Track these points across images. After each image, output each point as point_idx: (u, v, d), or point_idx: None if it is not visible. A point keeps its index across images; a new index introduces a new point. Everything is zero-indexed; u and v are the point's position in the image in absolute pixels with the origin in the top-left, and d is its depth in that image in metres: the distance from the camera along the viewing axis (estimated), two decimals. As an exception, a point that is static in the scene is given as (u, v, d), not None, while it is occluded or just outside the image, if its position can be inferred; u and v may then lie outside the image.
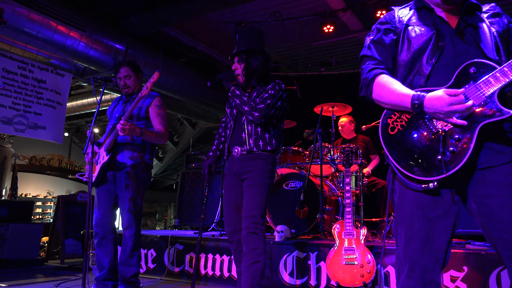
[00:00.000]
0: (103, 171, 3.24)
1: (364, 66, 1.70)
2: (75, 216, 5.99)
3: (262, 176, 2.67)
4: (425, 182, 1.48)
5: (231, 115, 2.88)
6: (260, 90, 2.77)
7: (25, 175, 11.98)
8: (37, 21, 4.96)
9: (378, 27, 1.73)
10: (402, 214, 1.59)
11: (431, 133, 1.50)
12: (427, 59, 1.57)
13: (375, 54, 1.69)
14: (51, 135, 6.10)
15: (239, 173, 2.74)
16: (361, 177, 4.32)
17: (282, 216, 4.32)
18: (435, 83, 1.53)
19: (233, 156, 2.77)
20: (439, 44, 1.57)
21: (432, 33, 1.59)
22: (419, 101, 1.48)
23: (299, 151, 4.75)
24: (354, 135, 5.34)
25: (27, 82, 5.78)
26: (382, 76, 1.63)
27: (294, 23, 6.24)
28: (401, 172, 1.53)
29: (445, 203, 1.52)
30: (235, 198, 2.79)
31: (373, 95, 1.65)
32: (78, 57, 5.65)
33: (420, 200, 1.53)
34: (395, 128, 1.56)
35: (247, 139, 2.72)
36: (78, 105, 9.07)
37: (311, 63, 7.84)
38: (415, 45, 1.60)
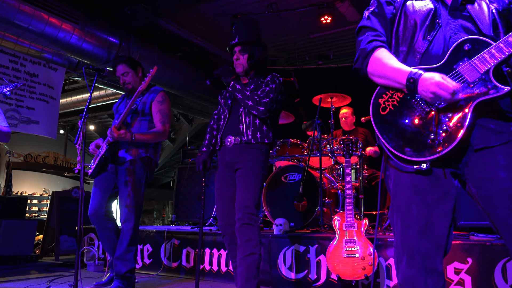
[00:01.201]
0: (102, 163, 3.23)
1: (362, 37, 1.64)
2: (70, 213, 5.89)
3: (256, 166, 2.63)
4: (417, 163, 1.42)
5: (225, 105, 2.86)
6: (258, 82, 2.76)
7: (21, 173, 11.85)
8: (28, 13, 4.83)
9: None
10: (398, 200, 1.52)
11: (423, 112, 1.44)
12: (424, 36, 1.52)
13: (376, 25, 1.63)
14: (45, 130, 5.99)
15: (231, 163, 2.70)
16: (361, 169, 4.23)
17: (281, 210, 4.23)
18: (430, 61, 1.49)
19: (226, 146, 2.74)
20: (435, 21, 1.52)
21: (430, 9, 1.54)
22: (414, 78, 1.42)
23: (297, 143, 4.66)
24: (354, 127, 5.26)
25: (19, 76, 5.67)
26: (381, 50, 1.58)
27: (291, 15, 6.14)
28: (392, 153, 1.47)
29: (443, 185, 1.45)
30: (227, 189, 2.74)
31: (368, 68, 1.59)
32: (71, 50, 5.53)
33: (417, 184, 1.46)
34: (387, 108, 1.51)
35: (244, 130, 2.69)
36: (73, 101, 8.95)
37: (309, 57, 7.75)
38: (412, 21, 1.56)
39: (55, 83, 6.17)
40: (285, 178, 4.33)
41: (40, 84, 5.96)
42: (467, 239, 3.05)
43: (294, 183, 4.25)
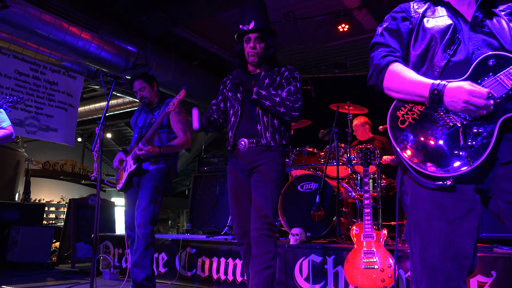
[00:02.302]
0: (130, 178, 3.35)
1: (375, 53, 1.59)
2: (86, 220, 5.92)
3: (275, 170, 2.45)
4: (441, 178, 1.35)
5: (235, 99, 2.60)
6: (272, 76, 2.56)
7: (39, 180, 12.02)
8: (49, 22, 4.93)
9: (393, 15, 1.63)
10: (417, 216, 1.44)
11: (447, 126, 1.38)
12: (443, 51, 1.47)
13: (389, 41, 1.59)
14: (63, 137, 6.06)
15: (247, 168, 2.51)
16: (379, 179, 4.15)
17: (297, 219, 4.17)
18: (450, 76, 1.43)
19: (239, 149, 2.53)
20: (456, 36, 1.48)
21: (449, 24, 1.50)
22: (439, 90, 1.36)
23: (314, 152, 4.60)
24: (371, 136, 5.18)
25: (39, 84, 5.77)
26: (396, 64, 1.52)
27: (308, 23, 6.12)
28: (414, 168, 1.39)
29: (468, 201, 1.37)
30: (243, 196, 2.56)
31: (384, 83, 1.52)
32: (90, 59, 5.61)
33: (438, 199, 1.38)
34: (406, 121, 1.44)
35: (263, 132, 2.47)
36: (91, 109, 9.06)
37: (325, 65, 7.70)
38: (431, 36, 1.51)
39: (74, 91, 6.26)
40: (301, 187, 4.27)
41: (59, 92, 6.05)
42: (490, 251, 2.95)
43: (311, 192, 4.19)
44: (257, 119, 2.50)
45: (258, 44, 2.54)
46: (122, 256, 4.76)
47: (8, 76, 5.39)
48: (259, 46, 2.54)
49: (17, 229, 5.21)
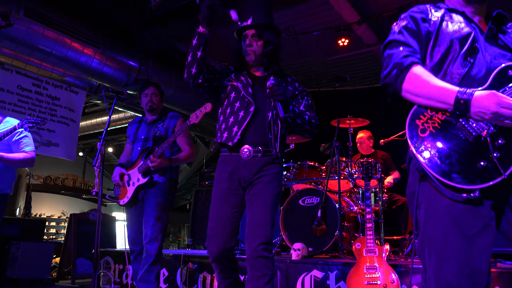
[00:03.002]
0: (137, 192, 3.32)
1: (395, 51, 1.51)
2: (87, 235, 5.89)
3: (277, 185, 2.28)
4: (467, 191, 1.30)
5: (247, 93, 2.32)
6: (282, 83, 2.35)
7: (40, 195, 12.01)
8: (52, 38, 4.98)
9: (412, 15, 1.56)
10: (432, 230, 1.39)
11: (470, 137, 1.35)
12: (463, 59, 1.45)
13: (409, 40, 1.51)
14: (64, 152, 6.07)
15: (248, 179, 2.27)
16: (381, 193, 4.14)
17: (299, 234, 4.15)
18: (469, 84, 1.41)
19: (240, 155, 2.27)
20: (475, 45, 1.46)
21: (469, 32, 1.48)
22: (466, 99, 1.32)
23: (315, 166, 4.60)
24: (373, 151, 5.18)
25: (41, 99, 5.80)
26: (419, 67, 1.46)
27: (308, 38, 6.16)
28: (437, 179, 1.34)
29: (484, 217, 1.33)
30: (230, 210, 2.28)
31: (404, 85, 1.45)
32: (92, 74, 5.65)
33: (455, 214, 1.34)
34: (426, 130, 1.39)
35: (273, 142, 2.26)
36: (93, 124, 9.09)
37: (326, 79, 7.74)
38: (451, 42, 1.48)
39: (75, 106, 6.29)
40: (303, 201, 4.26)
41: (62, 107, 6.08)
42: (494, 266, 2.92)
43: (312, 207, 4.17)
44: (269, 126, 2.27)
45: (256, 41, 2.33)
46: (123, 271, 4.72)
47: (11, 92, 5.43)
48: (256, 44, 2.33)
49: (17, 244, 5.18)
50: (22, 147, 3.30)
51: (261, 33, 2.32)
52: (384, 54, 1.56)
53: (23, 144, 3.31)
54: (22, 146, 3.30)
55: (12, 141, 3.26)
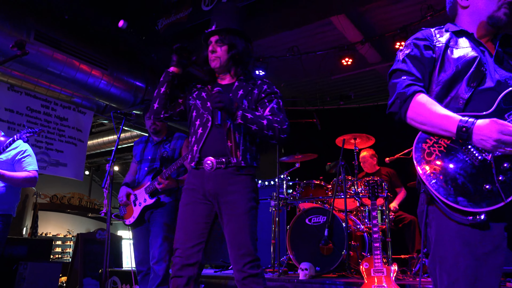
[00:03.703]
0: (143, 213, 3.34)
1: (398, 80, 1.55)
2: (94, 255, 5.89)
3: (248, 199, 2.15)
4: (473, 214, 1.32)
5: (205, 109, 2.27)
6: (247, 87, 2.29)
7: (46, 213, 12.05)
8: (61, 61, 5.08)
9: (416, 42, 1.60)
10: (443, 251, 1.41)
11: (476, 160, 1.37)
12: (468, 82, 1.47)
13: (412, 69, 1.55)
14: (72, 172, 6.14)
15: (214, 194, 2.17)
16: (387, 211, 4.14)
17: (306, 253, 4.14)
18: (475, 108, 1.43)
19: (205, 169, 2.18)
20: (480, 68, 1.48)
21: (475, 56, 1.50)
22: (468, 127, 1.35)
23: (321, 184, 4.61)
24: (377, 168, 5.19)
25: (50, 120, 5.89)
26: (422, 95, 1.49)
27: (312, 57, 6.24)
28: (444, 202, 1.36)
29: (495, 237, 1.34)
30: (198, 221, 2.18)
31: (408, 113, 1.49)
32: (100, 95, 5.74)
33: (466, 234, 1.36)
34: (433, 153, 1.42)
35: (233, 150, 2.16)
36: (99, 143, 9.18)
37: (330, 97, 7.80)
38: (456, 67, 1.51)
39: (83, 126, 6.38)
40: (309, 220, 4.26)
41: (69, 127, 6.17)
42: (504, 285, 2.91)
43: (319, 226, 4.17)
44: (228, 134, 2.19)
45: (219, 47, 2.26)
46: (129, 292, 4.71)
47: (20, 113, 5.53)
48: (220, 50, 2.26)
49: (25, 265, 5.19)
50: (25, 166, 3.33)
51: (224, 38, 2.26)
52: (389, 83, 1.59)
53: (25, 163, 3.34)
54: (24, 165, 3.33)
55: (15, 160, 3.30)
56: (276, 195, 4.62)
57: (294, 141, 7.69)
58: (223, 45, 2.26)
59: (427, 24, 5.23)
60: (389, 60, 6.33)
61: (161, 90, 2.33)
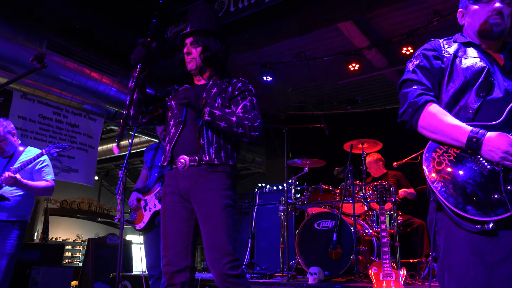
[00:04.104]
0: (153, 218, 3.37)
1: (409, 90, 1.58)
2: (104, 259, 5.97)
3: (222, 196, 2.08)
4: (481, 222, 1.35)
5: (178, 109, 2.26)
6: (221, 86, 2.25)
7: (56, 218, 12.18)
8: (72, 69, 5.19)
9: (425, 53, 1.64)
10: (453, 259, 1.43)
11: (485, 170, 1.39)
12: (477, 92, 1.50)
13: (423, 79, 1.59)
14: (84, 178, 6.23)
15: (187, 192, 2.12)
16: (396, 216, 4.17)
17: (315, 257, 4.18)
18: (484, 118, 1.47)
19: (178, 168, 2.15)
20: (489, 78, 1.51)
21: (483, 67, 1.53)
22: (478, 138, 1.39)
23: (329, 189, 4.65)
24: (384, 171, 5.21)
25: (62, 127, 6.00)
26: (433, 105, 1.52)
27: (319, 63, 6.30)
28: (453, 210, 1.39)
29: (505, 246, 1.35)
30: (180, 225, 2.12)
31: (420, 122, 1.52)
32: (110, 102, 5.84)
33: (476, 243, 1.37)
34: (442, 162, 1.45)
35: (206, 147, 2.12)
36: (109, 148, 9.29)
37: (337, 101, 7.84)
38: (464, 77, 1.54)
39: (94, 132, 6.48)
40: (318, 225, 4.30)
41: (81, 134, 6.28)
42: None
43: (328, 230, 4.21)
44: (201, 132, 2.15)
45: (194, 48, 2.25)
46: (140, 296, 4.77)
47: (33, 120, 5.64)
48: (195, 51, 2.25)
49: (37, 269, 5.29)
50: (44, 175, 3.45)
51: (199, 40, 2.25)
52: (400, 93, 1.62)
53: (44, 173, 3.46)
54: (43, 174, 3.45)
55: (34, 169, 3.41)
56: (284, 199, 4.67)
57: (302, 146, 7.79)
58: (198, 46, 2.24)
59: (434, 29, 5.27)
60: (396, 65, 6.37)
61: (134, 96, 2.27)
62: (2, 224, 3.24)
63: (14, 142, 3.45)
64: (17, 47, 4.66)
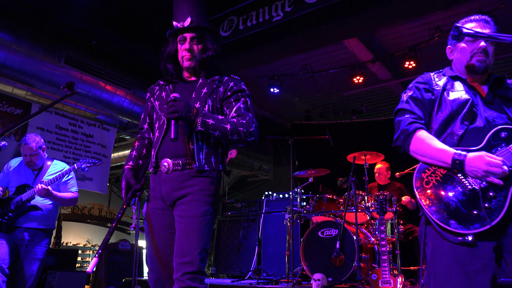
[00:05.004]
0: None
1: (402, 118, 1.80)
2: (117, 264, 6.18)
3: (203, 203, 1.94)
4: (462, 235, 1.54)
5: (162, 110, 2.10)
6: (212, 85, 2.10)
7: (67, 224, 12.41)
8: (88, 82, 5.45)
9: (417, 85, 1.85)
10: (437, 267, 1.63)
11: (466, 189, 1.60)
12: (461, 121, 1.70)
13: (414, 108, 1.80)
14: (97, 186, 6.48)
15: (169, 197, 1.98)
16: (397, 224, 4.34)
17: (319, 264, 4.36)
18: (467, 143, 1.67)
19: (162, 172, 2.01)
20: (473, 109, 1.71)
21: (468, 99, 1.74)
22: (460, 160, 1.58)
23: (333, 198, 4.84)
24: (389, 181, 5.38)
25: (77, 137, 6.26)
26: (422, 131, 1.73)
27: (325, 75, 6.49)
28: (438, 224, 1.59)
29: (483, 257, 1.54)
30: (164, 231, 2.00)
31: (411, 147, 1.73)
32: (123, 113, 6.10)
33: (457, 254, 1.57)
34: (430, 182, 1.66)
35: (196, 152, 1.97)
36: (119, 156, 9.52)
37: (342, 112, 8.03)
38: (451, 108, 1.74)
39: (107, 142, 6.74)
40: (322, 233, 4.49)
41: (95, 143, 6.53)
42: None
43: (331, 238, 4.39)
44: (191, 136, 2.00)
45: (196, 45, 2.09)
46: (152, 300, 4.95)
47: (50, 131, 5.91)
48: (196, 48, 2.09)
49: (53, 274, 5.49)
50: (70, 187, 3.74)
51: (202, 37, 2.10)
52: (395, 120, 1.85)
53: (70, 185, 3.75)
54: (69, 186, 3.74)
55: (61, 182, 3.67)
56: (290, 208, 4.86)
57: (308, 155, 7.97)
58: (199, 44, 2.09)
59: (435, 43, 5.45)
60: (399, 77, 6.54)
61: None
62: (33, 232, 3.50)
63: (44, 156, 3.71)
64: (37, 63, 4.93)
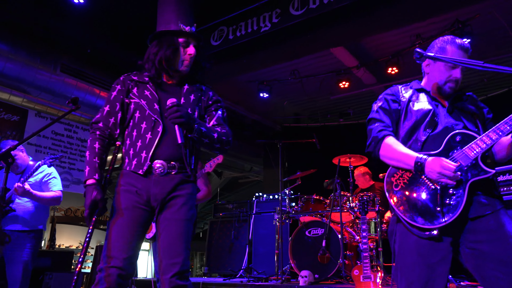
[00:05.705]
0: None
1: (373, 127, 2.01)
2: (112, 265, 6.34)
3: (191, 206, 2.04)
4: (428, 230, 1.77)
5: (153, 111, 2.06)
6: (197, 93, 2.18)
7: (60, 226, 12.51)
8: (83, 89, 5.63)
9: (386, 97, 2.06)
10: (403, 261, 1.85)
11: (429, 189, 1.81)
12: (424, 129, 1.93)
13: (383, 117, 2.01)
14: (92, 189, 6.64)
15: (159, 198, 1.99)
16: (380, 222, 4.59)
17: (306, 262, 4.59)
18: (429, 148, 1.89)
19: (154, 173, 2.00)
20: (434, 118, 1.94)
21: (430, 109, 1.96)
22: (421, 162, 1.80)
23: (320, 199, 5.07)
24: (372, 183, 5.62)
25: (72, 142, 6.44)
26: (390, 138, 1.95)
27: (312, 80, 6.74)
28: (407, 222, 1.82)
29: (442, 250, 1.78)
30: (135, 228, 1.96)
31: (380, 152, 1.95)
32: (117, 118, 6.28)
33: (420, 247, 1.80)
34: (399, 185, 1.89)
35: (187, 157, 2.03)
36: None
37: (330, 114, 8.28)
38: (415, 117, 1.96)
39: (101, 146, 6.90)
40: (309, 232, 4.72)
41: (89, 148, 6.70)
42: None
43: (318, 237, 4.63)
44: (186, 141, 2.01)
45: (196, 51, 2.15)
46: (147, 299, 5.14)
47: (46, 137, 6.08)
48: (193, 53, 2.13)
49: (50, 275, 5.64)
50: (51, 187, 3.78)
51: (201, 45, 2.19)
52: (367, 128, 2.08)
53: (51, 185, 3.79)
54: (50, 186, 3.79)
55: (42, 182, 3.75)
56: (279, 208, 5.09)
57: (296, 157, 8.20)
58: (197, 50, 2.15)
59: (416, 50, 5.71)
60: (383, 82, 6.81)
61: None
62: (17, 234, 3.53)
63: (24, 158, 3.76)
64: (34, 71, 5.10)
